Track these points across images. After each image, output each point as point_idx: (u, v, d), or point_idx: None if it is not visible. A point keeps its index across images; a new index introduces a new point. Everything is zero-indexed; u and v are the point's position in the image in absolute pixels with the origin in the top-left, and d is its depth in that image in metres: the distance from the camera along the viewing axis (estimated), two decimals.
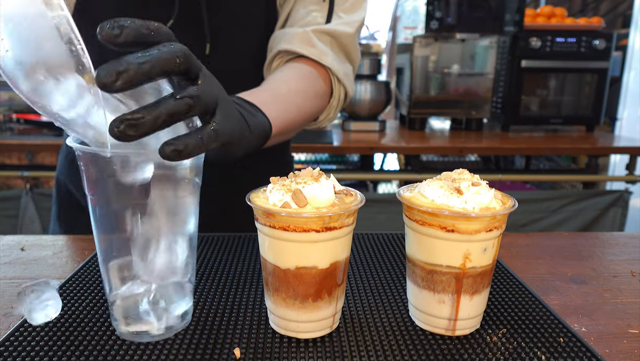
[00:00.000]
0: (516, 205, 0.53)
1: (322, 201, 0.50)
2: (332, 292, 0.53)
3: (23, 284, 0.56)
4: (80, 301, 0.60)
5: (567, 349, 0.51)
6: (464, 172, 0.56)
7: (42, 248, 0.81)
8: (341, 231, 0.51)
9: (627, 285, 0.70)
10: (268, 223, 0.50)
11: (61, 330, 0.54)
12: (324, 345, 0.52)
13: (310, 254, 0.50)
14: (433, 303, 0.54)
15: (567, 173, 2.74)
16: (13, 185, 2.85)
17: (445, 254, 0.52)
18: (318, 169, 0.54)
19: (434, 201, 0.52)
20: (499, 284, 0.67)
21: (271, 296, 0.54)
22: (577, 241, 0.88)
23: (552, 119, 2.62)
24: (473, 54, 2.57)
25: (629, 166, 2.37)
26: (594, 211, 2.31)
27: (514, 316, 0.58)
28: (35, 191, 2.25)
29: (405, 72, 2.66)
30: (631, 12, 3.60)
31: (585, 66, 2.53)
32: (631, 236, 0.90)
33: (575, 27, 2.52)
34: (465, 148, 2.26)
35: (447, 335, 0.54)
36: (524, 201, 2.27)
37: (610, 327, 0.58)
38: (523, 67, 2.51)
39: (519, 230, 2.29)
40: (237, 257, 0.75)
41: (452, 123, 2.79)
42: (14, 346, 0.51)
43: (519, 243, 0.87)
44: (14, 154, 2.77)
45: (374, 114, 2.54)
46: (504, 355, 0.50)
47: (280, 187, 0.51)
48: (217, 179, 0.90)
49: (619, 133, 3.47)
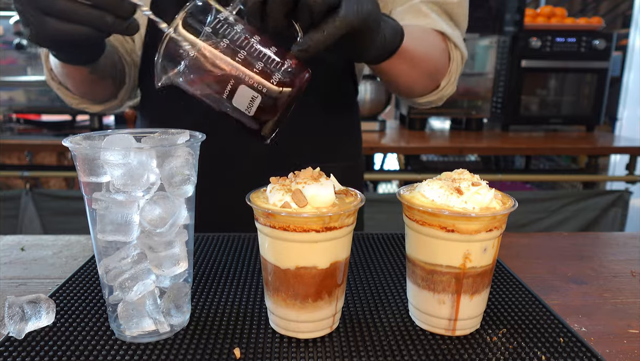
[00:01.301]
0: (516, 205, 0.52)
1: (322, 201, 0.50)
2: (332, 292, 0.53)
3: (9, 300, 0.53)
4: (80, 302, 0.60)
5: (567, 349, 0.51)
6: (464, 172, 0.56)
7: (42, 248, 0.81)
8: (341, 231, 0.51)
9: (627, 285, 0.70)
10: (268, 223, 0.50)
11: (61, 330, 0.54)
12: (324, 345, 0.52)
13: (310, 254, 0.50)
14: (433, 303, 0.54)
15: (567, 173, 2.74)
16: (13, 185, 2.85)
17: (445, 254, 0.52)
18: (318, 169, 0.54)
19: (434, 201, 0.52)
20: (499, 284, 0.67)
21: (271, 296, 0.54)
22: (577, 241, 0.88)
23: (552, 119, 2.63)
24: (473, 54, 2.57)
25: (629, 166, 2.37)
26: (594, 211, 2.31)
27: (514, 316, 0.58)
28: (35, 191, 2.25)
29: None
30: (631, 12, 3.60)
31: (585, 66, 2.53)
32: (631, 236, 0.90)
33: (575, 27, 2.52)
34: (465, 148, 2.26)
35: (447, 335, 0.54)
36: (524, 201, 2.27)
37: (610, 327, 0.58)
38: (523, 67, 2.51)
39: (519, 230, 2.29)
40: (237, 257, 0.75)
41: (452, 123, 2.79)
42: (14, 346, 0.51)
43: (519, 243, 0.87)
44: (14, 154, 2.77)
45: (374, 114, 2.54)
46: (504, 355, 0.50)
47: (280, 187, 0.51)
48: (217, 179, 0.90)
49: (619, 133, 3.47)
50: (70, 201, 2.25)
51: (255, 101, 0.48)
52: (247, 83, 0.48)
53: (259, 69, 0.48)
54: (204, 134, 0.54)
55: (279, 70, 0.49)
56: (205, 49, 0.48)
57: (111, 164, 0.46)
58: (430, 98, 0.93)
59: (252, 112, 0.49)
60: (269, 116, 0.50)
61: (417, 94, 0.91)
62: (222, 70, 0.48)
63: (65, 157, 2.81)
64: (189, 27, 0.48)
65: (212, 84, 0.49)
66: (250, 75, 0.48)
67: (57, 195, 2.30)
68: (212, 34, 0.48)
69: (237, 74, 0.48)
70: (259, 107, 0.49)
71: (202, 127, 0.58)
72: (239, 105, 0.49)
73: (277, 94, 0.48)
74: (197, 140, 0.52)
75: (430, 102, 0.95)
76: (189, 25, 0.48)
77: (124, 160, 0.45)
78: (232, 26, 0.49)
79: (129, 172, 0.46)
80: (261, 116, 0.50)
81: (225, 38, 0.48)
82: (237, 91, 0.48)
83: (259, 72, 0.48)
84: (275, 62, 0.49)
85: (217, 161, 0.89)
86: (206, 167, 0.68)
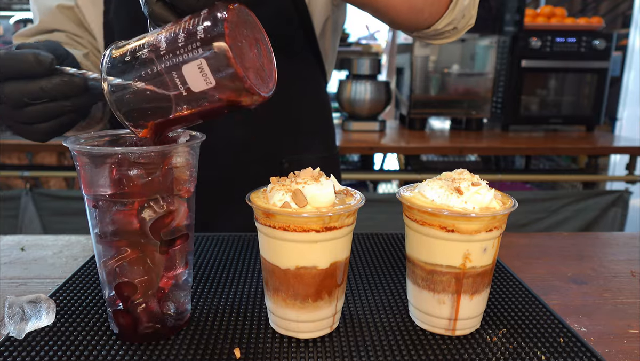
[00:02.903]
0: (516, 205, 0.53)
1: (322, 201, 0.50)
2: (332, 292, 0.53)
3: (9, 300, 0.53)
4: (80, 302, 0.60)
5: (567, 349, 0.51)
6: (464, 172, 0.56)
7: (42, 248, 0.81)
8: (341, 231, 0.51)
9: (627, 285, 0.70)
10: (268, 223, 0.50)
11: (61, 330, 0.54)
12: (324, 345, 0.52)
13: (310, 254, 0.50)
14: (433, 303, 0.54)
15: (567, 173, 2.74)
16: (13, 185, 2.85)
17: (445, 254, 0.52)
18: (318, 169, 0.54)
19: (434, 201, 0.52)
20: (499, 284, 0.67)
21: (271, 296, 0.54)
22: (577, 241, 0.88)
23: (552, 119, 2.63)
24: (473, 54, 2.57)
25: (629, 166, 2.37)
26: (594, 211, 2.31)
27: (514, 316, 0.58)
28: (35, 191, 2.26)
29: (405, 72, 2.66)
30: (631, 12, 3.60)
31: (585, 66, 2.53)
32: (631, 236, 0.90)
33: (575, 27, 2.52)
34: (465, 148, 2.26)
35: (447, 335, 0.54)
36: (524, 201, 2.27)
37: (610, 327, 0.58)
38: (523, 67, 2.51)
39: (519, 230, 2.29)
40: (237, 257, 0.75)
41: (452, 123, 2.79)
42: (14, 346, 0.51)
43: (519, 243, 0.87)
44: (14, 154, 2.77)
45: (374, 114, 2.54)
46: (504, 355, 0.50)
47: (280, 187, 0.51)
48: (218, 180, 0.90)
49: (619, 133, 3.47)
50: (70, 201, 2.25)
51: (203, 68, 0.44)
52: (182, 60, 0.44)
53: (182, 41, 0.44)
54: (204, 134, 0.54)
55: (197, 25, 0.44)
56: (137, 81, 0.46)
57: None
58: (448, 19, 0.79)
59: (212, 80, 0.44)
60: (229, 70, 0.43)
61: (425, 19, 0.78)
62: (159, 74, 0.45)
63: (65, 157, 2.81)
64: (114, 74, 0.47)
65: (166, 87, 0.45)
66: (178, 51, 0.44)
67: (57, 195, 2.30)
68: (132, 63, 0.46)
69: (169, 62, 0.44)
70: (212, 70, 0.43)
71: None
72: (198, 84, 0.44)
73: (212, 41, 0.43)
74: (197, 140, 0.52)
75: (452, 24, 0.80)
76: (113, 73, 0.47)
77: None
78: (142, 44, 0.46)
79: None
80: (224, 77, 0.44)
81: (144, 53, 0.46)
82: (184, 76, 0.44)
83: (184, 44, 0.44)
84: (190, 24, 0.44)
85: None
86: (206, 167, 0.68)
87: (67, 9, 0.86)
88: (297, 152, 0.94)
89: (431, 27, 0.81)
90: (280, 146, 0.93)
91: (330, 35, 0.97)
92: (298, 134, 0.95)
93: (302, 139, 0.95)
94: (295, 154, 0.94)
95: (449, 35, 0.85)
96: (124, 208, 0.48)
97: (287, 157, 0.93)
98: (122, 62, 0.47)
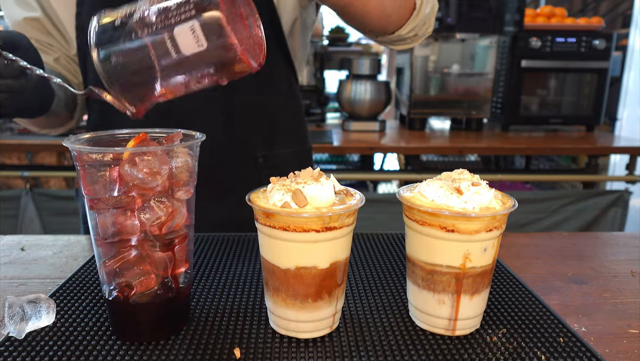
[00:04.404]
0: (516, 205, 0.53)
1: (322, 201, 0.50)
2: (332, 292, 0.53)
3: (9, 300, 0.53)
4: (80, 302, 0.60)
5: (567, 349, 0.51)
6: (464, 172, 0.56)
7: (42, 248, 0.81)
8: (341, 231, 0.51)
9: (627, 285, 0.70)
10: (268, 223, 0.50)
11: (61, 330, 0.54)
12: (324, 345, 0.52)
13: (310, 254, 0.50)
14: (433, 303, 0.54)
15: (567, 173, 2.74)
16: (13, 185, 2.85)
17: (445, 254, 0.52)
18: (318, 169, 0.54)
19: (434, 201, 0.52)
20: (499, 284, 0.67)
21: (271, 297, 0.54)
22: (577, 241, 0.88)
23: (552, 119, 2.62)
24: (473, 54, 2.57)
25: (629, 166, 2.37)
26: (594, 211, 2.31)
27: (514, 316, 0.58)
28: (35, 191, 2.26)
29: (405, 72, 2.66)
30: (631, 12, 3.60)
31: (585, 66, 2.53)
32: (631, 236, 0.90)
33: (575, 27, 2.52)
34: (465, 148, 2.26)
35: (447, 335, 0.54)
36: (524, 201, 2.27)
37: (610, 327, 0.58)
38: (523, 67, 2.51)
39: (519, 230, 2.29)
40: (237, 257, 0.75)
41: (452, 123, 2.79)
42: (14, 346, 0.51)
43: (519, 243, 0.87)
44: (14, 154, 2.77)
45: (374, 114, 2.54)
46: (504, 355, 0.50)
47: (280, 187, 0.51)
48: (218, 179, 0.90)
49: (619, 133, 3.47)
50: (70, 201, 2.25)
51: (195, 30, 0.43)
52: (175, 21, 0.43)
53: (175, 4, 0.44)
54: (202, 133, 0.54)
55: None
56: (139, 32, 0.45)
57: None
58: (411, 25, 0.85)
59: (204, 42, 0.43)
60: (221, 33, 0.43)
61: (392, 24, 0.82)
62: (151, 36, 0.44)
63: (65, 157, 2.81)
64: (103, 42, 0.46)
65: (158, 49, 0.45)
66: (171, 14, 0.43)
67: (57, 195, 2.30)
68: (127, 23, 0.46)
69: (162, 24, 0.44)
70: (205, 33, 0.43)
71: (155, 117, 0.58)
72: (189, 47, 0.44)
73: (206, 4, 0.43)
74: (197, 140, 0.52)
75: (414, 30, 0.86)
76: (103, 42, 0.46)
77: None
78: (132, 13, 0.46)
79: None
80: (215, 41, 0.43)
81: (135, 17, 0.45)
82: (175, 38, 0.44)
83: (177, 7, 0.43)
84: None
85: None
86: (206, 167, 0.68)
87: (33, 20, 0.90)
88: (271, 147, 0.98)
89: (395, 33, 0.87)
90: (254, 142, 0.96)
91: (299, 34, 1.01)
92: (271, 131, 0.98)
93: (275, 135, 0.98)
94: (270, 150, 0.97)
95: (410, 42, 0.92)
96: (124, 209, 0.48)
97: (262, 153, 0.96)
98: (112, 29, 0.46)
